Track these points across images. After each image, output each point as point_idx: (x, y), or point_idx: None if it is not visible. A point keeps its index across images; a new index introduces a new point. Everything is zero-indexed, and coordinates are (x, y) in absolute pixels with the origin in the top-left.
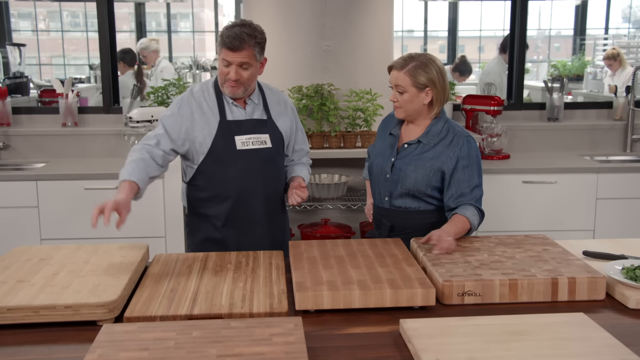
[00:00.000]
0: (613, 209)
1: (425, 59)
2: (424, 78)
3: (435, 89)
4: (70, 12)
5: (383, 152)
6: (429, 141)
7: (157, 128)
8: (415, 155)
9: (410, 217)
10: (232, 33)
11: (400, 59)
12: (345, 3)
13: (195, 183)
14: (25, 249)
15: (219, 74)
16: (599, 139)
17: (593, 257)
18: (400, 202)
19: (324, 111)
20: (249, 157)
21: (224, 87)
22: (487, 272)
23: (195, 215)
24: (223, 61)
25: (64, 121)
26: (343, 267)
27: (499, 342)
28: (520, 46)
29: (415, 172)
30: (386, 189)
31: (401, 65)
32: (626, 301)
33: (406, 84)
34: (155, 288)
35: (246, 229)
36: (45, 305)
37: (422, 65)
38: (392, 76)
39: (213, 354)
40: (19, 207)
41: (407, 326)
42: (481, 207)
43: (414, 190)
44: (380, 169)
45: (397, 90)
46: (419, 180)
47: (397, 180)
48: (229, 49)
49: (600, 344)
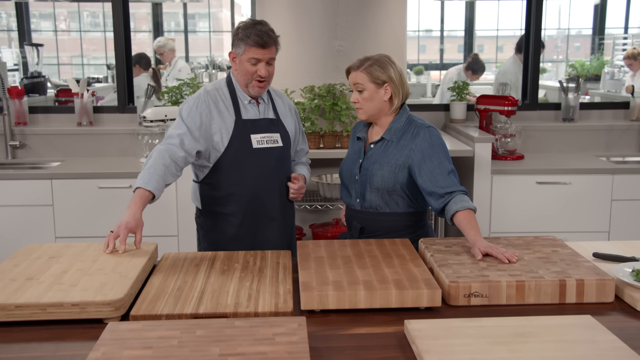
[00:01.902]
0: (628, 210)
1: (381, 57)
2: (380, 73)
3: (393, 84)
4: (91, 13)
5: (352, 156)
6: (392, 137)
7: (177, 127)
8: (379, 154)
9: (381, 218)
10: (259, 31)
11: (357, 60)
12: (358, 3)
13: (209, 182)
14: (36, 247)
15: (244, 74)
16: (615, 140)
17: (603, 259)
18: (371, 203)
19: (336, 111)
20: (264, 155)
21: (249, 86)
22: (494, 274)
23: (210, 214)
24: (251, 60)
25: (79, 120)
26: (350, 267)
27: (503, 344)
28: (535, 46)
29: (380, 169)
30: (357, 191)
31: (357, 65)
32: (635, 304)
33: (364, 81)
34: (162, 287)
35: (262, 226)
36: (52, 302)
37: (377, 62)
38: (351, 77)
39: (215, 353)
40: (34, 206)
41: (411, 327)
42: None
43: (383, 189)
44: (349, 172)
45: (357, 90)
46: (385, 177)
47: (366, 180)
48: (260, 46)
49: (607, 347)
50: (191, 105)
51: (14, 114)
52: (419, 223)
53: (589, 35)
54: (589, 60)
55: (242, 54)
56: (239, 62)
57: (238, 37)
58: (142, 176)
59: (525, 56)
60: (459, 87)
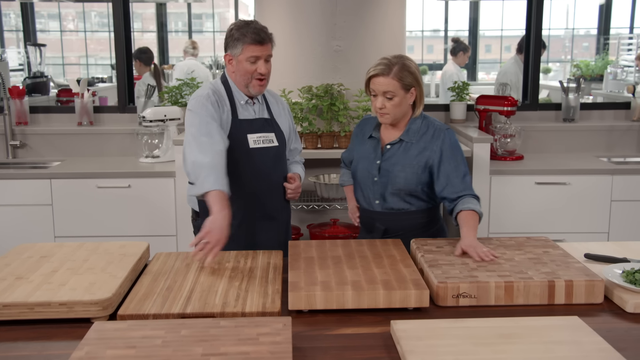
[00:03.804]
0: (628, 211)
1: (403, 59)
2: (410, 78)
3: (419, 87)
4: (98, 13)
5: (366, 156)
6: (411, 139)
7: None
8: (400, 155)
9: (403, 217)
10: (254, 29)
11: (382, 65)
12: (356, 3)
13: None
14: (28, 246)
15: (244, 74)
16: (616, 140)
17: (595, 260)
18: (394, 203)
19: (334, 111)
20: (261, 155)
21: (250, 86)
22: (483, 274)
23: (207, 215)
24: (250, 58)
25: (80, 120)
26: (339, 268)
27: (488, 345)
28: (536, 46)
29: (403, 171)
30: (375, 192)
31: (386, 71)
32: (624, 305)
33: (395, 88)
34: (152, 286)
35: (260, 226)
36: (40, 302)
37: (405, 67)
38: (378, 83)
39: (198, 353)
40: (34, 205)
41: (397, 327)
42: (474, 192)
43: (405, 190)
44: (366, 172)
45: (386, 97)
46: (409, 179)
47: (387, 182)
48: (258, 42)
49: (591, 349)
50: (203, 101)
51: (15, 113)
52: (436, 217)
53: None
54: (594, 60)
55: (240, 54)
56: (236, 62)
57: (233, 37)
58: (208, 178)
59: (525, 56)
60: (458, 87)
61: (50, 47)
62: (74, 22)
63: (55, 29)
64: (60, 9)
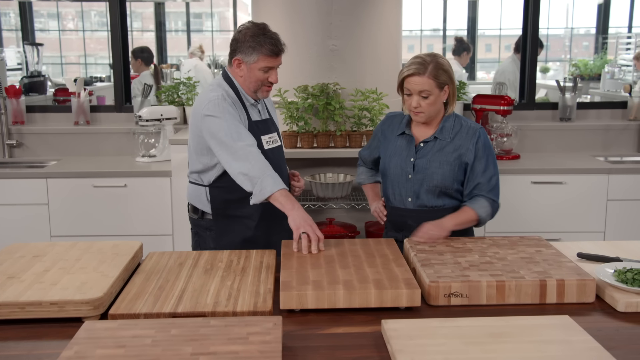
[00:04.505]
0: (624, 210)
1: (435, 56)
2: (445, 76)
3: (452, 85)
4: (98, 12)
5: (399, 153)
6: (445, 137)
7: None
8: (435, 153)
9: (436, 215)
10: (271, 39)
11: (417, 65)
12: (352, 2)
13: (221, 185)
14: (21, 245)
15: (254, 81)
16: (613, 140)
17: (587, 259)
18: (427, 200)
19: (330, 110)
20: (273, 155)
21: (258, 92)
22: (475, 274)
23: (223, 217)
24: (264, 68)
25: (76, 119)
26: (331, 267)
27: (477, 344)
28: (533, 45)
29: (440, 168)
30: (409, 189)
31: (422, 70)
32: (615, 304)
33: (431, 87)
34: (144, 286)
35: (275, 227)
36: (31, 301)
37: (439, 65)
38: (413, 83)
39: (188, 352)
40: (30, 205)
41: (387, 327)
42: (497, 197)
43: (441, 187)
44: (399, 170)
45: (422, 96)
46: (446, 176)
47: (423, 178)
48: (275, 54)
49: (581, 348)
50: (225, 106)
51: (12, 113)
52: None
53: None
54: (592, 59)
55: (254, 63)
56: (247, 69)
57: (247, 44)
58: (268, 180)
59: (522, 55)
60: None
61: (51, 47)
62: (74, 22)
63: (56, 28)
64: (59, 9)
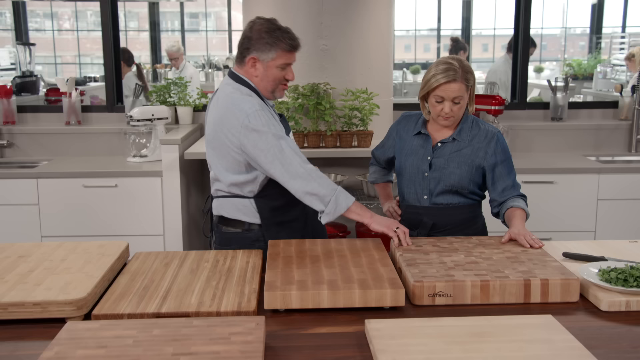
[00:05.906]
0: (615, 210)
1: (460, 60)
2: (472, 78)
3: (474, 87)
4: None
5: (415, 151)
6: (463, 138)
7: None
8: (453, 153)
9: (453, 212)
10: (288, 35)
11: (450, 71)
12: (343, 2)
13: (267, 193)
14: (6, 246)
15: (272, 80)
16: (604, 139)
17: (573, 259)
18: (442, 199)
19: (320, 110)
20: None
21: (276, 91)
22: (459, 273)
23: (273, 225)
24: (282, 65)
25: (68, 119)
26: (317, 267)
27: (459, 344)
28: (524, 45)
29: (458, 168)
30: (425, 187)
31: (456, 76)
32: (599, 303)
33: (463, 92)
34: (129, 286)
35: (316, 223)
36: (13, 302)
37: (466, 67)
38: (449, 90)
39: (169, 352)
40: (20, 205)
41: (370, 326)
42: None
43: (457, 187)
44: (416, 168)
45: (454, 102)
46: (463, 177)
47: (439, 177)
48: (294, 49)
49: (562, 347)
50: (264, 115)
51: (2, 112)
52: (480, 212)
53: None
54: (586, 59)
55: (271, 60)
56: (264, 67)
57: (263, 41)
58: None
59: (514, 55)
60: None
61: (46, 46)
62: (69, 21)
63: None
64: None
